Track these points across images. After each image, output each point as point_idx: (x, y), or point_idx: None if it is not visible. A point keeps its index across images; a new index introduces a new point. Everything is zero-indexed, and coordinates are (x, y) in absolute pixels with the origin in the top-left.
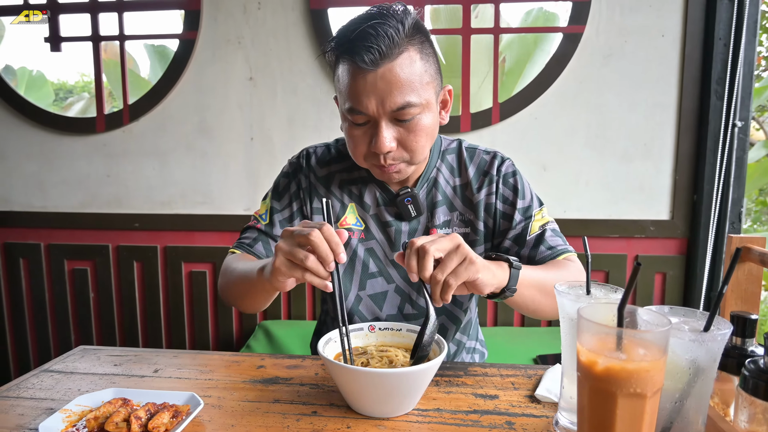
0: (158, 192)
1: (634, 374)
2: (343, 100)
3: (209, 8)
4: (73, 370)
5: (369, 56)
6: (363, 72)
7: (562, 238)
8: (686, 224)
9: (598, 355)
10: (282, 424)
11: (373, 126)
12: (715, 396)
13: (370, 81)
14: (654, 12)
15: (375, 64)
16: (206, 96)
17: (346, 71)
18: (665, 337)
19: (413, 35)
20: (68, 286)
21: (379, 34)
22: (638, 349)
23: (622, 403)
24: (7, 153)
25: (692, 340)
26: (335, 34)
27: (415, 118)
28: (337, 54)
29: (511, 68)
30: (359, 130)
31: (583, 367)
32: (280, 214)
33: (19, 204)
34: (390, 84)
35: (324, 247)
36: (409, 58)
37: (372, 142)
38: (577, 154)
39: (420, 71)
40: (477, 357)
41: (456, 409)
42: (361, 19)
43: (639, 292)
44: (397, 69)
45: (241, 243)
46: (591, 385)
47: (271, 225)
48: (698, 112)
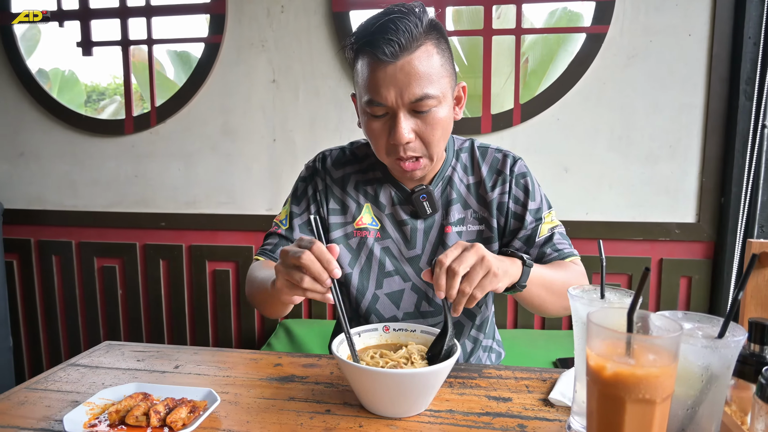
0: (183, 192)
1: (643, 380)
2: (362, 93)
3: (234, 12)
4: (98, 365)
5: (389, 48)
6: (383, 64)
7: (568, 242)
8: (713, 227)
9: (606, 359)
10: (296, 421)
11: (392, 118)
12: (733, 404)
13: (389, 73)
14: (680, 11)
15: (395, 56)
16: (230, 98)
17: (365, 64)
18: (675, 343)
19: (430, 31)
20: (98, 283)
21: (398, 28)
22: (648, 354)
23: (631, 408)
24: (41, 154)
25: (705, 347)
26: (355, 30)
27: (432, 111)
28: (357, 48)
29: (534, 69)
30: (378, 123)
31: (591, 371)
32: (300, 218)
33: (52, 203)
34: (409, 76)
35: (316, 267)
36: (427, 51)
37: (390, 134)
38: (600, 156)
39: (437, 65)
40: (494, 356)
41: (468, 411)
42: (381, 15)
43: (663, 297)
44: (415, 61)
45: (264, 250)
46: (600, 390)
47: (291, 229)
48: (726, 113)
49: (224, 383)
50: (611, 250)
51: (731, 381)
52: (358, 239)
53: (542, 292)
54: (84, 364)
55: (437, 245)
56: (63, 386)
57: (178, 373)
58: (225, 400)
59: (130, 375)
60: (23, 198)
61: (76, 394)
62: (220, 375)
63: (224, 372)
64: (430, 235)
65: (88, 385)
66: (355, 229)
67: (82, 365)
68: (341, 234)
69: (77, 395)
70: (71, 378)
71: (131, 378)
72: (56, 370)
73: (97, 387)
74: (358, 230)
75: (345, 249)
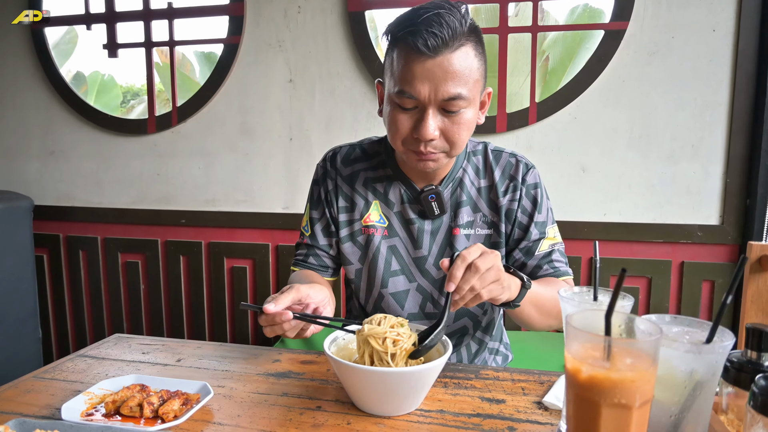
0: (203, 190)
1: (618, 384)
2: (394, 82)
3: (252, 13)
4: (105, 356)
5: (432, 41)
6: (422, 57)
7: (565, 260)
8: (737, 230)
9: (582, 362)
10: (285, 416)
11: (420, 112)
12: (730, 412)
13: (427, 67)
14: (704, 6)
15: (435, 51)
16: (248, 98)
17: (402, 55)
18: (653, 347)
19: (471, 33)
20: (121, 278)
21: (443, 23)
22: (625, 358)
23: (607, 413)
24: (70, 153)
25: (688, 352)
26: (398, 17)
27: (461, 111)
28: (398, 36)
29: (554, 67)
30: (404, 115)
31: (568, 374)
32: (319, 224)
33: (79, 200)
34: (446, 73)
35: (270, 329)
36: (466, 52)
37: (416, 128)
38: (619, 155)
39: (473, 67)
40: (500, 359)
41: (459, 412)
42: (427, 7)
43: (684, 301)
44: (454, 60)
45: (297, 261)
46: (576, 393)
47: (314, 236)
48: (752, 111)
49: (222, 377)
50: (630, 252)
51: (729, 389)
52: (365, 237)
53: (532, 311)
54: (92, 356)
55: (444, 247)
56: (69, 376)
57: (180, 366)
58: (220, 393)
59: (133, 367)
60: (53, 195)
61: (80, 384)
62: (219, 369)
63: (224, 366)
64: (438, 237)
65: (92, 376)
66: (362, 227)
67: (90, 356)
68: (348, 231)
69: (81, 385)
70: (78, 368)
71: (134, 370)
72: (64, 360)
73: (101, 378)
74: (366, 227)
75: (352, 246)
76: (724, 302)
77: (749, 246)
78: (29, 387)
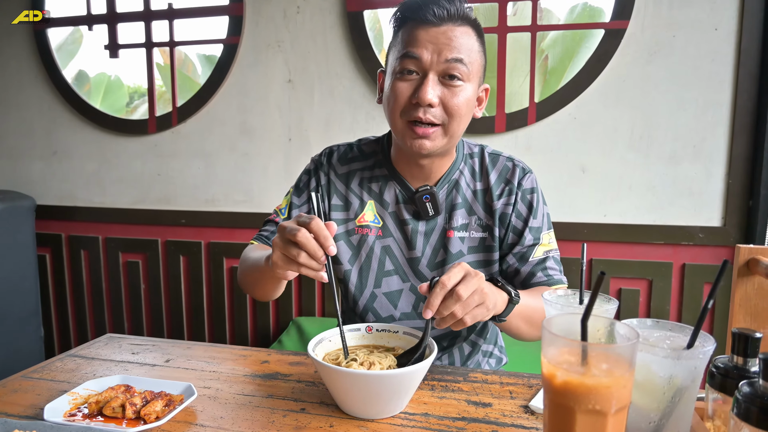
0: (203, 190)
1: (593, 390)
2: (398, 50)
3: (251, 13)
4: (94, 356)
5: (438, 12)
6: (427, 25)
7: (559, 267)
8: (740, 232)
9: (557, 368)
10: (267, 419)
11: (421, 79)
12: (716, 419)
13: (432, 33)
14: (706, 4)
15: (441, 19)
16: (248, 98)
17: (409, 28)
18: (630, 352)
19: (474, 23)
20: (122, 277)
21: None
22: (601, 363)
23: (582, 420)
24: (72, 153)
25: (666, 357)
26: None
27: (460, 85)
28: (407, 15)
29: (554, 67)
30: (405, 83)
31: (544, 379)
32: (299, 210)
33: (82, 200)
34: (449, 39)
35: (312, 244)
36: (468, 33)
37: (415, 92)
38: (619, 156)
39: (474, 48)
40: (494, 362)
41: (444, 415)
42: None
43: (686, 304)
44: (457, 31)
45: (260, 235)
46: (551, 399)
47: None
48: (755, 111)
49: (209, 378)
50: (631, 254)
51: (715, 395)
52: (359, 236)
53: (520, 324)
54: (82, 355)
55: (438, 249)
56: (57, 375)
57: (168, 366)
58: (205, 395)
59: (121, 367)
60: (55, 195)
61: (67, 384)
62: (207, 370)
63: (211, 367)
64: (431, 238)
65: (80, 376)
66: (356, 226)
67: (79, 356)
68: (342, 230)
69: (68, 385)
70: (66, 368)
71: (122, 370)
72: (54, 360)
73: (88, 378)
74: (360, 227)
75: (345, 246)
76: (705, 307)
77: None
78: (16, 386)
